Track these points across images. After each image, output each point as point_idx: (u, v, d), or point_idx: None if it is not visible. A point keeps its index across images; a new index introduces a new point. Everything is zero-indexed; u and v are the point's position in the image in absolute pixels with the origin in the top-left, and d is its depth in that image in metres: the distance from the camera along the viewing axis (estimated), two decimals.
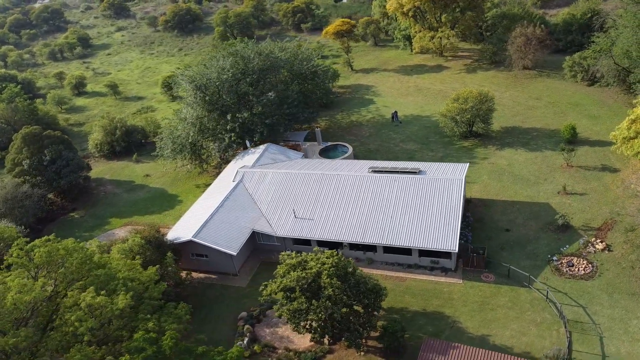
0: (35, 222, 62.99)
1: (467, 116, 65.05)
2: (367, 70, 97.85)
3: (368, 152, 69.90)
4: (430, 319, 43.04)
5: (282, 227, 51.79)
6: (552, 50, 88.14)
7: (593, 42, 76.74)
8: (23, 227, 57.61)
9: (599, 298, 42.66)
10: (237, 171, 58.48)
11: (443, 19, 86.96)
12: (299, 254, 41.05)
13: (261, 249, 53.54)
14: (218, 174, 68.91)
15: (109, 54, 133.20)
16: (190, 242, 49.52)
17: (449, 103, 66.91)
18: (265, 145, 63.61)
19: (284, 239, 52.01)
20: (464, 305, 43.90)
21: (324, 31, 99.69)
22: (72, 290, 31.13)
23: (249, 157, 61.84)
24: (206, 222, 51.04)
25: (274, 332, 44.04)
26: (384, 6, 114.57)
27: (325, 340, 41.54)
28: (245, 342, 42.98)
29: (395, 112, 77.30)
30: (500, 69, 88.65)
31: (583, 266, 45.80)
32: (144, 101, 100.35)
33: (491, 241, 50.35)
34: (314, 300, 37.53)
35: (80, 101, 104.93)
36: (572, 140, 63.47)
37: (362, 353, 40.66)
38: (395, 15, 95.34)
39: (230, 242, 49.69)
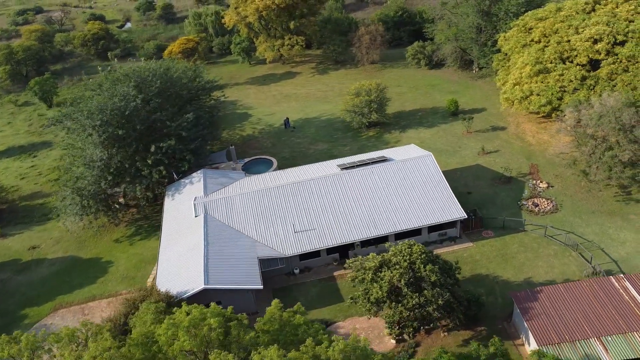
0: None
1: (375, 106, 69.13)
2: (218, 86, 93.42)
3: (284, 160, 67.89)
4: (475, 283, 45.41)
5: (286, 246, 47.40)
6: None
7: (425, 32, 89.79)
8: None
9: (575, 222, 51.43)
10: (195, 205, 50.62)
11: (291, 26, 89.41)
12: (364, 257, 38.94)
13: (264, 276, 47.74)
14: (133, 221, 58.48)
15: None
16: (200, 293, 41.41)
17: (353, 98, 69.87)
18: (201, 171, 56.37)
19: (289, 258, 47.64)
20: (490, 262, 47.66)
21: (167, 51, 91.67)
22: None
23: (191, 188, 54.10)
24: (206, 265, 43.33)
25: None
26: (200, 24, 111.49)
27: (407, 336, 40.50)
28: None
29: (287, 118, 76.75)
30: (347, 67, 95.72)
31: (545, 204, 54.30)
32: None
33: (464, 205, 55.21)
34: (425, 291, 36.23)
35: None
36: (456, 112, 73.45)
37: (446, 333, 40.77)
38: (238, 27, 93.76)
39: (247, 277, 43.36)
